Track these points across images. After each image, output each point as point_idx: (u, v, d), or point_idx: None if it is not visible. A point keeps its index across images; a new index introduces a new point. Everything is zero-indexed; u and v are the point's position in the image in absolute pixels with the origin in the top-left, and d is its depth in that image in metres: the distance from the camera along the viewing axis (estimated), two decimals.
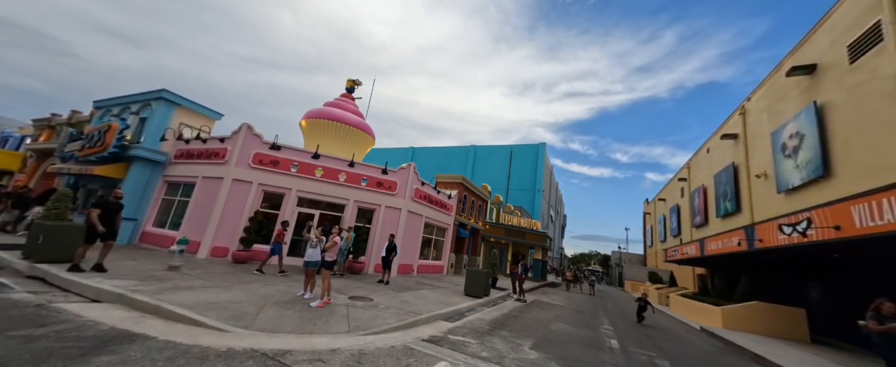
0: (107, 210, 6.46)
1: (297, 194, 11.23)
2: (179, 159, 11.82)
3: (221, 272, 7.85)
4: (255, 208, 10.69)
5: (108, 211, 6.46)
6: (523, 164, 46.41)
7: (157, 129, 11.84)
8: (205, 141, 11.52)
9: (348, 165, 12.01)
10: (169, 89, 11.94)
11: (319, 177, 11.54)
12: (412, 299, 8.01)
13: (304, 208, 11.37)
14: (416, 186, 13.37)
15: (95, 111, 14.12)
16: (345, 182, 11.85)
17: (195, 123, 13.00)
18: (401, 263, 12.36)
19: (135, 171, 11.36)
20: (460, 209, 17.95)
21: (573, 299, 15.61)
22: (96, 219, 6.23)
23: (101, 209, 6.38)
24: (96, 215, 6.26)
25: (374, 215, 12.26)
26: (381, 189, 12.33)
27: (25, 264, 6.34)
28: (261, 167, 10.91)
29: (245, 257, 9.83)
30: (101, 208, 6.40)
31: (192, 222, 10.51)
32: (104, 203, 6.52)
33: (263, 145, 11.06)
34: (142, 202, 11.43)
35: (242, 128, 10.94)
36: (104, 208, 6.45)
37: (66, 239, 6.87)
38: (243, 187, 10.67)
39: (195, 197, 10.79)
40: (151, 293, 5.17)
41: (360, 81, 15.20)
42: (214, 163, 10.91)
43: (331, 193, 11.63)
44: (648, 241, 41.48)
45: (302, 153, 11.50)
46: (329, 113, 13.45)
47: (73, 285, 5.35)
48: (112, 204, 6.64)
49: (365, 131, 14.21)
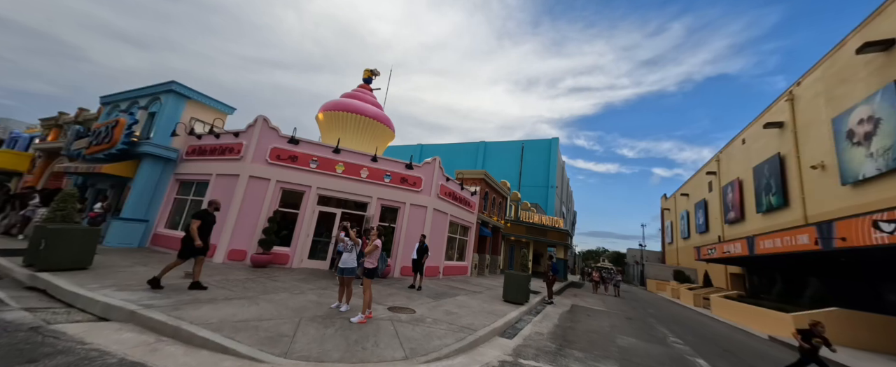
0: (206, 222, 5.87)
1: (318, 191, 10.40)
2: (191, 156, 11.06)
3: (242, 279, 7.05)
4: (273, 208, 9.88)
5: (206, 223, 5.87)
6: (535, 160, 45.22)
7: (167, 124, 11.08)
8: (218, 136, 10.74)
9: (371, 160, 11.14)
10: (178, 81, 11.16)
11: (340, 173, 10.69)
12: (454, 308, 7.12)
13: (324, 206, 10.54)
14: (441, 182, 12.46)
15: (103, 108, 13.45)
16: (367, 178, 10.99)
17: (207, 117, 12.23)
18: (427, 264, 11.48)
19: (144, 168, 10.63)
20: (482, 207, 17.01)
21: (609, 303, 14.61)
22: (197, 232, 5.63)
23: (201, 221, 5.76)
24: (197, 228, 5.66)
25: (398, 213, 11.39)
26: (405, 186, 11.44)
27: (26, 272, 5.58)
28: (279, 163, 10.09)
29: (265, 260, 9.03)
30: (201, 220, 5.77)
31: None
32: (204, 214, 5.91)
33: (281, 139, 10.23)
34: (153, 202, 10.71)
35: (258, 121, 10.11)
36: (204, 219, 5.85)
37: (71, 243, 6.12)
38: (260, 184, 9.86)
39: (210, 196, 10.01)
40: (168, 309, 4.34)
41: (378, 70, 14.28)
42: (229, 159, 10.12)
43: (353, 190, 10.77)
44: (668, 238, 40.08)
45: (322, 148, 10.65)
46: (347, 105, 12.57)
47: (78, 300, 4.55)
48: (211, 216, 6.04)
49: (385, 124, 13.32)
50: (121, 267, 6.78)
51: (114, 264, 6.91)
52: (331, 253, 10.29)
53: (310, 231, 10.19)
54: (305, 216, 10.16)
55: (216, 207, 6.30)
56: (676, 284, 23.86)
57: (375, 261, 5.43)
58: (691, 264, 27.76)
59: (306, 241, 10.10)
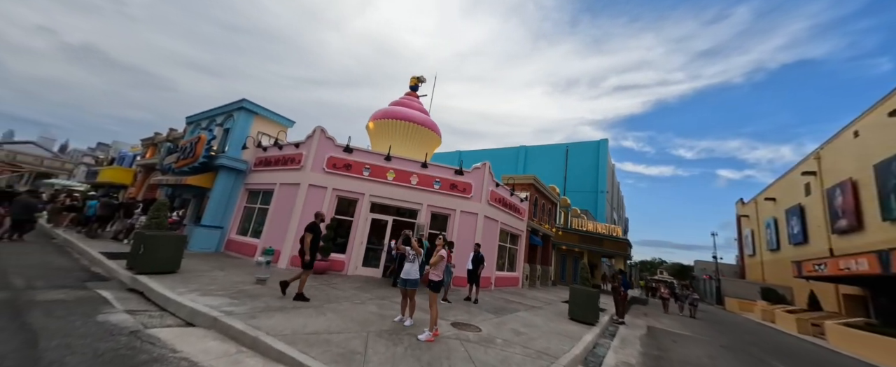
0: (316, 236, 6.02)
1: (370, 199, 10.49)
2: (258, 167, 11.95)
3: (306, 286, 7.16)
4: (330, 215, 10.15)
5: (316, 237, 6.02)
6: (582, 163, 42.46)
7: (238, 138, 12.14)
8: (281, 147, 11.46)
9: (420, 167, 11.01)
10: (248, 99, 12.21)
11: (391, 180, 10.70)
12: (520, 326, 6.47)
13: (376, 213, 10.59)
14: (491, 187, 11.91)
15: (188, 127, 15.27)
16: (417, 185, 10.86)
17: (271, 130, 13.21)
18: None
19: (220, 179, 11.69)
20: (531, 213, 16.05)
21: (689, 325, 12.65)
22: (309, 246, 5.81)
23: (313, 234, 5.92)
24: (309, 242, 5.78)
25: (448, 220, 11.06)
26: (455, 192, 11.10)
27: (128, 275, 6.19)
28: (334, 171, 10.40)
29: (324, 267, 9.23)
30: (313, 234, 5.94)
31: (272, 229, 10.32)
32: (315, 228, 6.05)
33: (336, 148, 10.57)
34: (227, 210, 11.70)
35: (316, 131, 10.57)
36: (316, 233, 6.02)
37: (164, 249, 6.70)
38: (318, 192, 10.22)
39: (274, 204, 10.65)
40: (245, 317, 4.38)
41: (424, 77, 14.36)
42: (291, 169, 10.69)
43: (403, 197, 10.71)
44: (748, 249, 34.54)
45: (374, 155, 10.80)
46: (396, 112, 12.72)
47: (169, 303, 4.83)
48: (319, 229, 6.18)
49: (431, 130, 13.23)
50: (201, 272, 7.28)
51: (196, 269, 7.47)
52: (383, 261, 10.27)
53: (363, 239, 10.28)
54: (359, 224, 10.29)
55: (321, 218, 6.33)
56: (767, 304, 20.19)
57: (441, 273, 5.06)
58: (783, 281, 23.42)
59: (360, 248, 10.20)
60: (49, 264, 6.95)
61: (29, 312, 3.95)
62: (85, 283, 5.77)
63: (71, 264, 7.30)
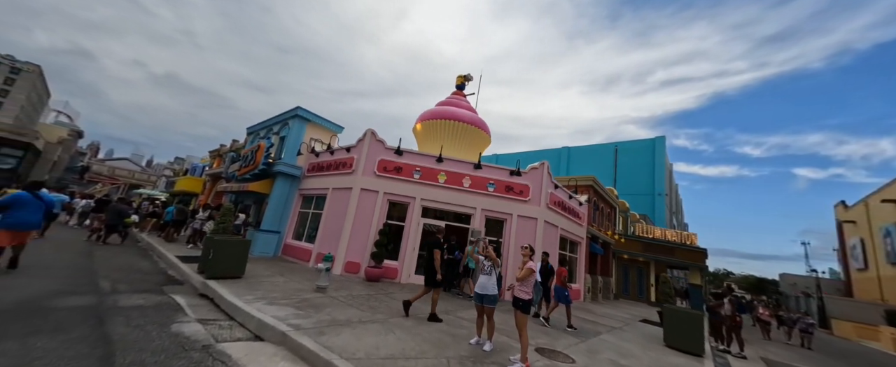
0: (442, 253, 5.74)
1: (422, 203, 10.01)
2: (311, 173, 12.15)
3: (365, 295, 6.75)
4: (381, 220, 9.84)
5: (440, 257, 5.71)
6: (634, 164, 38.86)
7: (293, 145, 12.50)
8: (332, 152, 11.52)
9: (473, 168, 10.32)
10: (302, 106, 12.56)
11: (443, 183, 10.14)
12: (616, 355, 5.38)
13: (429, 218, 10.07)
14: (550, 190, 10.82)
15: (248, 137, 16.29)
16: (469, 188, 10.16)
17: (322, 137, 13.46)
18: None
19: (278, 185, 12.07)
20: (591, 219, 14.50)
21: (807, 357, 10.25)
22: (440, 263, 5.54)
23: (440, 251, 5.64)
24: (440, 260, 5.52)
25: (504, 226, 10.17)
26: (511, 195, 10.21)
27: (199, 279, 6.24)
28: (385, 175, 10.11)
29: (378, 274, 8.86)
30: (440, 250, 5.66)
31: (326, 235, 10.27)
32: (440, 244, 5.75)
33: (387, 151, 10.30)
34: (284, 215, 12.01)
35: (367, 134, 10.42)
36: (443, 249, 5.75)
37: (231, 254, 6.73)
38: (370, 197, 9.98)
39: (327, 209, 10.63)
40: (314, 333, 3.95)
41: (471, 75, 13.78)
42: (343, 173, 10.63)
43: (455, 200, 10.07)
44: (856, 262, 28.51)
45: (424, 157, 10.35)
46: (444, 112, 12.24)
47: (238, 313, 4.60)
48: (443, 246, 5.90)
49: (481, 129, 12.52)
50: (264, 277, 7.23)
51: (259, 274, 7.45)
52: None
53: (415, 245, 9.79)
54: (411, 229, 9.83)
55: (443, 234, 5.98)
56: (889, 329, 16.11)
57: (530, 290, 4.23)
58: None
59: (412, 255, 9.71)
60: (133, 266, 7.36)
61: (111, 319, 3.88)
62: (162, 287, 5.89)
63: (151, 266, 7.70)
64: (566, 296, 7.24)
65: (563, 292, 7.26)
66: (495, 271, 4.64)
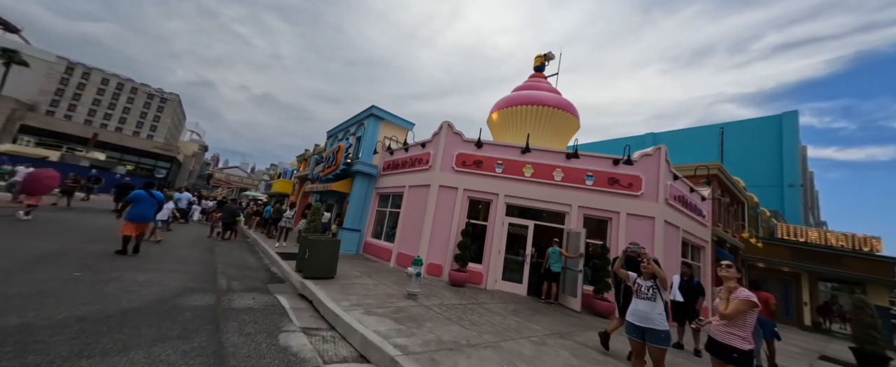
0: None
1: (506, 200, 8.91)
2: (387, 171, 12.07)
3: (459, 305, 5.99)
4: (462, 219, 9.05)
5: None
6: (750, 148, 31.30)
7: (369, 144, 12.63)
8: (407, 149, 11.20)
9: (565, 158, 8.79)
10: (377, 105, 12.58)
11: (529, 177, 8.86)
12: None
13: (514, 217, 8.92)
14: (668, 181, 8.62)
15: (328, 140, 17.34)
16: (562, 181, 8.67)
17: (395, 135, 13.39)
18: None
19: (356, 184, 12.31)
20: (716, 217, 11.47)
21: None
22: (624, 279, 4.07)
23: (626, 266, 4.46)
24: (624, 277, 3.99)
25: (609, 227, 8.41)
26: (616, 188, 8.38)
27: (298, 279, 6.24)
28: (464, 170, 9.29)
29: (462, 278, 8.09)
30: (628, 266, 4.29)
31: (405, 234, 9.95)
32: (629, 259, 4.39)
33: (466, 144, 9.46)
34: (363, 214, 12.20)
35: (443, 127, 9.74)
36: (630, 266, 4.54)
37: (324, 254, 6.64)
38: (449, 194, 9.28)
39: (405, 208, 10.31)
40: (425, 360, 3.21)
41: (552, 53, 12.10)
42: (419, 170, 10.17)
43: (545, 197, 8.69)
44: None
45: (507, 148, 9.21)
46: (524, 97, 10.87)
47: (339, 323, 4.19)
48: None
49: (568, 112, 10.80)
50: (352, 278, 7.04)
51: (347, 274, 7.31)
52: (527, 275, 8.48)
53: (501, 247, 8.74)
54: (495, 229, 8.82)
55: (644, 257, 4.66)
56: None
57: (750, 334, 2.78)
58: None
59: (498, 258, 8.69)
60: (244, 262, 7.94)
61: (226, 324, 3.78)
62: (267, 285, 6.03)
63: (257, 262, 8.24)
64: (774, 331, 5.53)
65: (772, 327, 5.55)
66: (661, 294, 3.29)
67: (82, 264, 5.27)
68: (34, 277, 4.34)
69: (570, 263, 7.87)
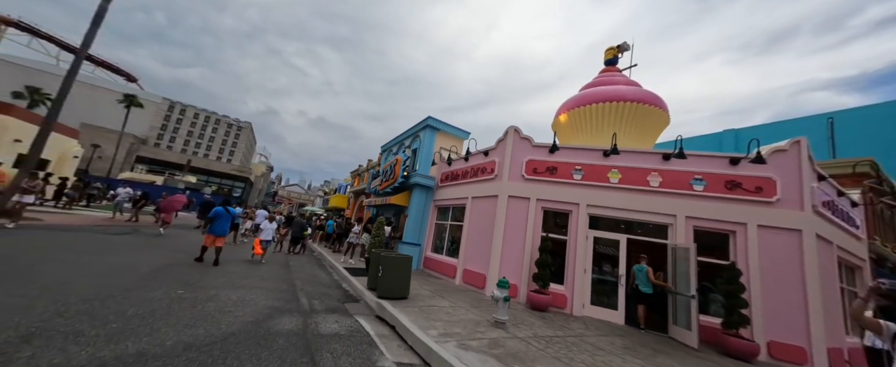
0: None
1: (588, 210, 7.74)
2: (445, 182, 11.61)
3: (555, 338, 5.00)
4: (537, 233, 8.07)
5: None
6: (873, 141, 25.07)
7: (426, 156, 12.38)
8: (467, 158, 10.63)
9: (661, 160, 7.40)
10: (433, 116, 12.36)
11: (616, 183, 7.61)
12: None
13: (600, 230, 7.68)
14: (812, 183, 6.70)
15: (382, 154, 17.66)
16: (661, 187, 7.27)
17: (450, 144, 12.99)
18: (787, 341, 5.85)
19: (414, 197, 12.03)
20: (873, 229, 8.80)
21: None
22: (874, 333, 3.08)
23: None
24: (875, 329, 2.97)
25: (731, 242, 6.74)
26: (738, 194, 6.74)
27: (372, 299, 5.83)
28: (536, 178, 8.36)
29: (544, 301, 7.04)
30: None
31: (471, 249, 9.23)
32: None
33: (537, 150, 8.57)
34: (422, 227, 11.81)
35: (509, 132, 8.99)
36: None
37: (397, 272, 6.20)
38: (520, 205, 8.40)
39: (469, 221, 9.64)
40: None
41: (627, 44, 10.77)
42: (484, 180, 9.48)
43: (639, 205, 7.34)
44: None
45: (587, 152, 8.10)
46: (600, 94, 9.68)
47: (434, 358, 3.56)
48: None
49: (654, 105, 9.33)
50: (426, 299, 6.47)
51: (419, 294, 6.78)
52: (622, 299, 7.12)
53: (587, 265, 7.53)
54: (577, 244, 7.66)
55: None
56: None
57: None
58: None
59: (584, 279, 7.47)
60: (316, 278, 7.90)
61: (319, 354, 3.45)
62: (345, 305, 5.74)
63: (328, 278, 8.15)
64: None
65: None
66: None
67: (184, 281, 5.60)
68: (147, 295, 4.55)
69: (679, 284, 6.40)
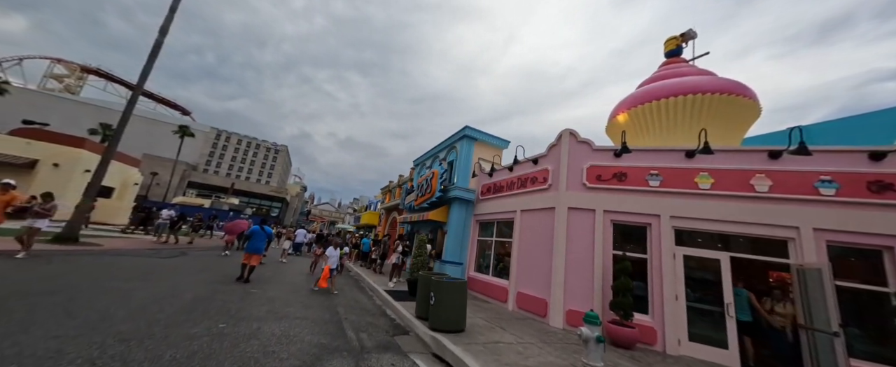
0: None
1: (672, 222, 6.42)
2: (487, 195, 10.69)
3: None
4: (607, 251, 6.83)
5: None
6: None
7: (464, 168, 11.63)
8: (512, 168, 9.69)
9: (767, 158, 6.01)
10: (470, 126, 11.69)
11: (708, 189, 6.27)
12: None
13: (691, 247, 6.30)
14: None
15: (414, 168, 17.19)
16: (772, 192, 5.83)
17: (489, 155, 12.16)
18: None
19: (454, 212, 11.21)
20: None
21: None
22: None
23: None
24: None
25: (885, 261, 5.11)
26: (890, 197, 5.16)
27: (425, 331, 4.95)
28: (601, 186, 7.21)
29: (630, 337, 5.71)
30: None
31: (523, 270, 8.12)
32: None
33: (599, 154, 7.46)
34: (463, 245, 10.87)
35: (563, 137, 7.99)
36: None
37: (450, 299, 5.30)
38: (583, 218, 7.24)
39: (519, 237, 8.58)
40: None
41: (693, 31, 9.50)
42: (534, 191, 8.46)
43: (743, 216, 5.94)
44: None
45: (663, 154, 6.87)
46: (670, 87, 8.42)
47: None
48: None
49: (741, 95, 7.92)
50: (484, 330, 5.46)
51: (476, 325, 5.79)
52: (734, 335, 5.62)
53: (678, 290, 6.14)
54: (663, 264, 6.31)
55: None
56: None
57: None
58: None
59: (676, 307, 6.06)
60: (359, 303, 7.18)
61: None
62: (394, 338, 4.95)
63: (370, 303, 7.41)
64: None
65: None
66: None
67: (226, 310, 5.16)
68: (188, 331, 4.10)
69: (815, 317, 4.85)
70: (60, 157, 18.42)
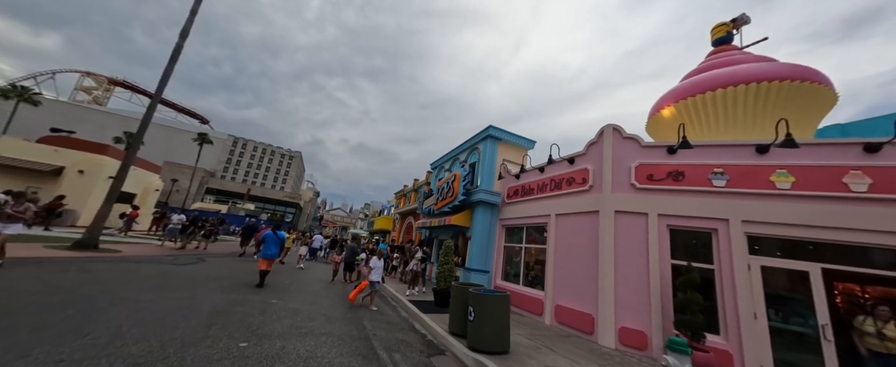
0: None
1: (744, 228, 5.55)
2: (513, 198, 9.96)
3: None
4: (664, 260, 5.99)
5: None
6: None
7: (488, 169, 10.94)
8: (543, 169, 8.95)
9: (862, 152, 5.10)
10: (495, 125, 11.04)
11: (788, 189, 5.39)
12: None
13: (770, 257, 5.40)
14: None
15: (431, 171, 16.60)
16: (869, 192, 4.92)
17: (513, 156, 11.45)
18: None
19: (478, 216, 10.51)
20: None
21: None
22: None
23: None
24: None
25: None
26: None
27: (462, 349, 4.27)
28: (653, 187, 6.40)
29: (705, 362, 4.81)
30: None
31: (560, 280, 7.34)
32: None
33: (649, 151, 6.66)
34: (489, 251, 10.14)
35: (606, 132, 7.22)
36: None
37: (495, 316, 4.61)
38: (633, 223, 6.43)
39: (555, 244, 7.80)
40: None
41: (746, 15, 8.61)
42: (572, 193, 7.69)
43: (835, 221, 5.03)
44: None
45: (728, 149, 6.02)
46: (726, 76, 7.52)
47: None
48: None
49: (814, 81, 6.98)
50: (530, 351, 4.75)
51: (518, 343, 5.07)
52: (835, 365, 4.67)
53: (757, 308, 5.24)
54: (735, 277, 5.44)
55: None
56: None
57: None
58: None
59: (755, 327, 5.17)
60: (384, 315, 6.57)
61: None
62: (430, 359, 4.30)
63: (396, 315, 6.78)
64: None
65: None
66: None
67: (246, 325, 4.70)
68: (205, 352, 3.61)
69: None
70: (85, 163, 18.76)
